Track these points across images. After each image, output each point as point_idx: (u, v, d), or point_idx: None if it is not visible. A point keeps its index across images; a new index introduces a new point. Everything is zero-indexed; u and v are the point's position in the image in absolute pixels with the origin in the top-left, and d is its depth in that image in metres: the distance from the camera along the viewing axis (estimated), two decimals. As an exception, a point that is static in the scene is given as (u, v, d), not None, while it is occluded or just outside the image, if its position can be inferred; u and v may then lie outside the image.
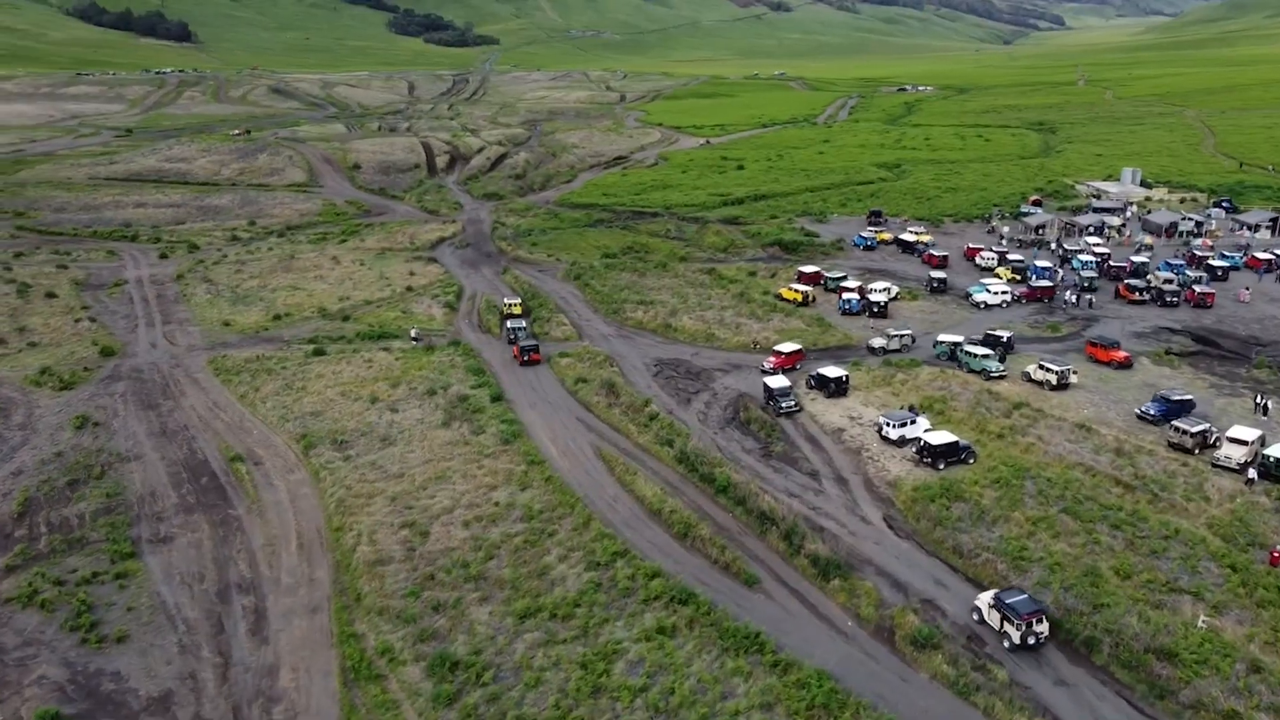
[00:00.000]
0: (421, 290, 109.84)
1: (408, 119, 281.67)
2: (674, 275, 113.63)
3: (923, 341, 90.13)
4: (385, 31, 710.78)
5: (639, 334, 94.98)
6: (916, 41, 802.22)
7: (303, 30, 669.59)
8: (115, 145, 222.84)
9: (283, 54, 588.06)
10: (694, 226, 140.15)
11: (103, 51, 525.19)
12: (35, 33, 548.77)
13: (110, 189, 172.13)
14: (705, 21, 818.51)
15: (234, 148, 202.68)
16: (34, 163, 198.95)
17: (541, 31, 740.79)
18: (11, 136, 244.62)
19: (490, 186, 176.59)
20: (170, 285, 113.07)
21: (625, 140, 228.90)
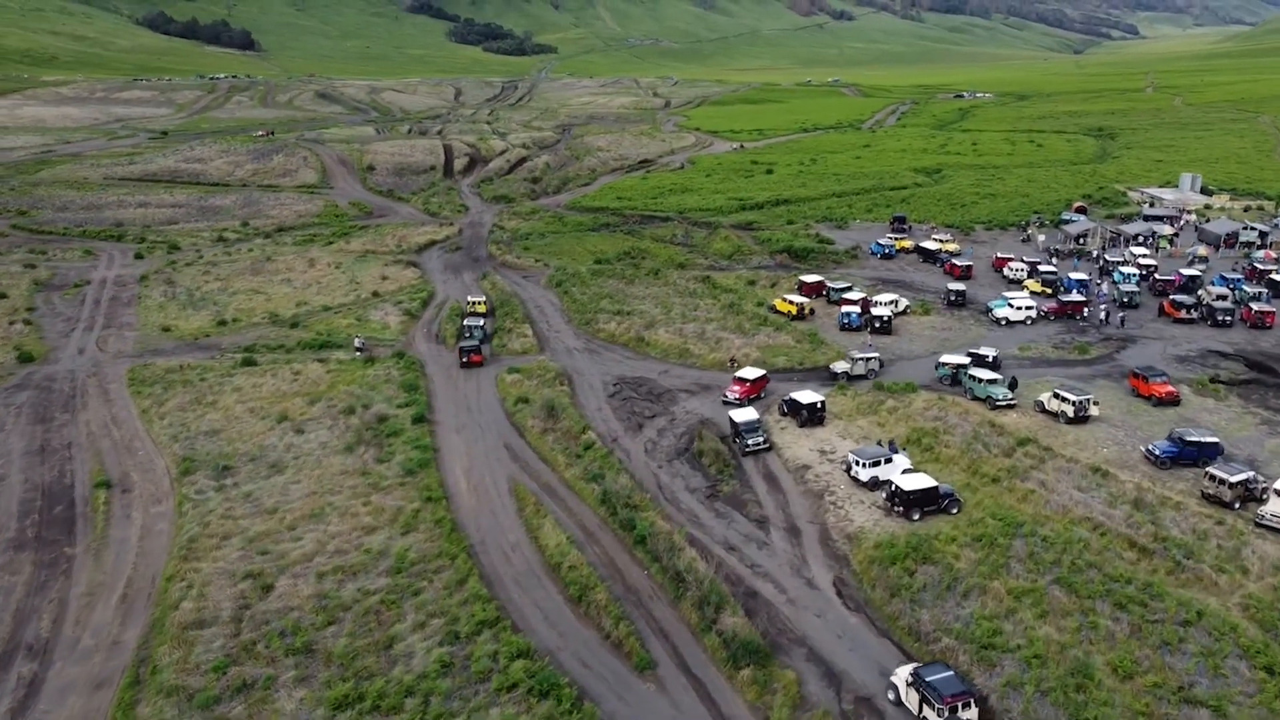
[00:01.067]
0: (388, 296, 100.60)
1: (444, 123, 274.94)
2: (665, 283, 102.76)
3: (928, 363, 78.10)
4: (445, 40, 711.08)
5: (609, 348, 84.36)
6: (982, 50, 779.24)
7: (364, 39, 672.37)
8: (144, 147, 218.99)
9: (342, 62, 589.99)
10: (704, 232, 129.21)
11: (166, 59, 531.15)
12: (104, 40, 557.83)
13: (119, 189, 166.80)
14: (766, 30, 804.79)
15: (251, 149, 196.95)
16: (57, 163, 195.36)
17: (600, 40, 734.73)
18: (49, 138, 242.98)
19: (502, 189, 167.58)
20: (131, 287, 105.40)
21: (656, 144, 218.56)
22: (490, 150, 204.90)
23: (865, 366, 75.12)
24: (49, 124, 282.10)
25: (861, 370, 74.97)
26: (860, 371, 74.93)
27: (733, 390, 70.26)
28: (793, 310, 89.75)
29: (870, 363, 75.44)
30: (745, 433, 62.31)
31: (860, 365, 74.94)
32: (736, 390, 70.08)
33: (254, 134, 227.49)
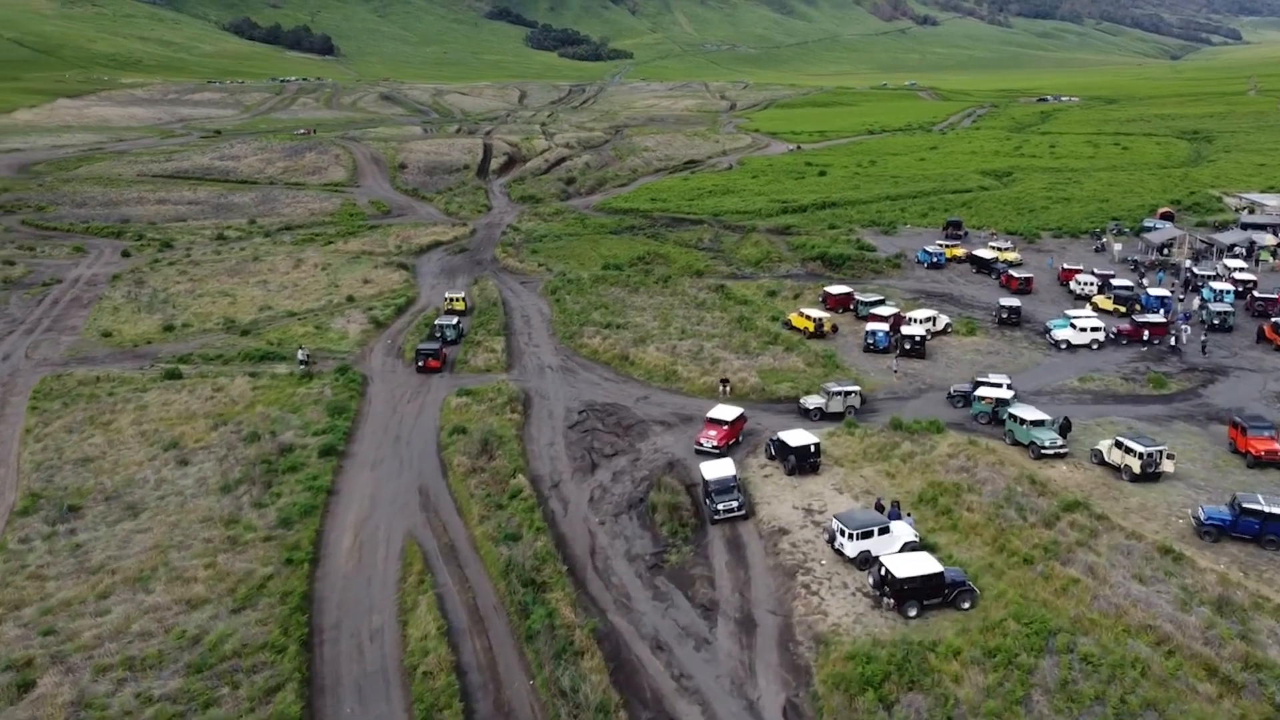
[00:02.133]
0: (363, 301, 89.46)
1: (497, 123, 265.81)
2: (673, 292, 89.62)
3: (960, 394, 63.61)
4: (522, 46, 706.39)
5: (588, 366, 71.63)
6: (1073, 56, 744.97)
7: (442, 45, 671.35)
8: (189, 145, 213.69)
9: (419, 66, 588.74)
10: (735, 236, 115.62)
11: (247, 64, 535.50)
12: (189, 46, 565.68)
13: (144, 186, 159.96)
14: (846, 36, 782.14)
15: (285, 146, 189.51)
16: (98, 159, 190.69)
17: (676, 46, 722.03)
18: (104, 136, 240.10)
19: (533, 189, 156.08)
20: (100, 287, 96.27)
21: (708, 145, 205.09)
22: (531, 150, 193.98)
23: (843, 402, 60.55)
24: (113, 123, 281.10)
25: (838, 407, 60.46)
26: (837, 409, 60.47)
27: (707, 436, 55.87)
28: (809, 327, 75.81)
29: (849, 398, 60.75)
30: (716, 494, 48.30)
31: (837, 401, 60.41)
32: (712, 436, 55.77)
33: (295, 132, 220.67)
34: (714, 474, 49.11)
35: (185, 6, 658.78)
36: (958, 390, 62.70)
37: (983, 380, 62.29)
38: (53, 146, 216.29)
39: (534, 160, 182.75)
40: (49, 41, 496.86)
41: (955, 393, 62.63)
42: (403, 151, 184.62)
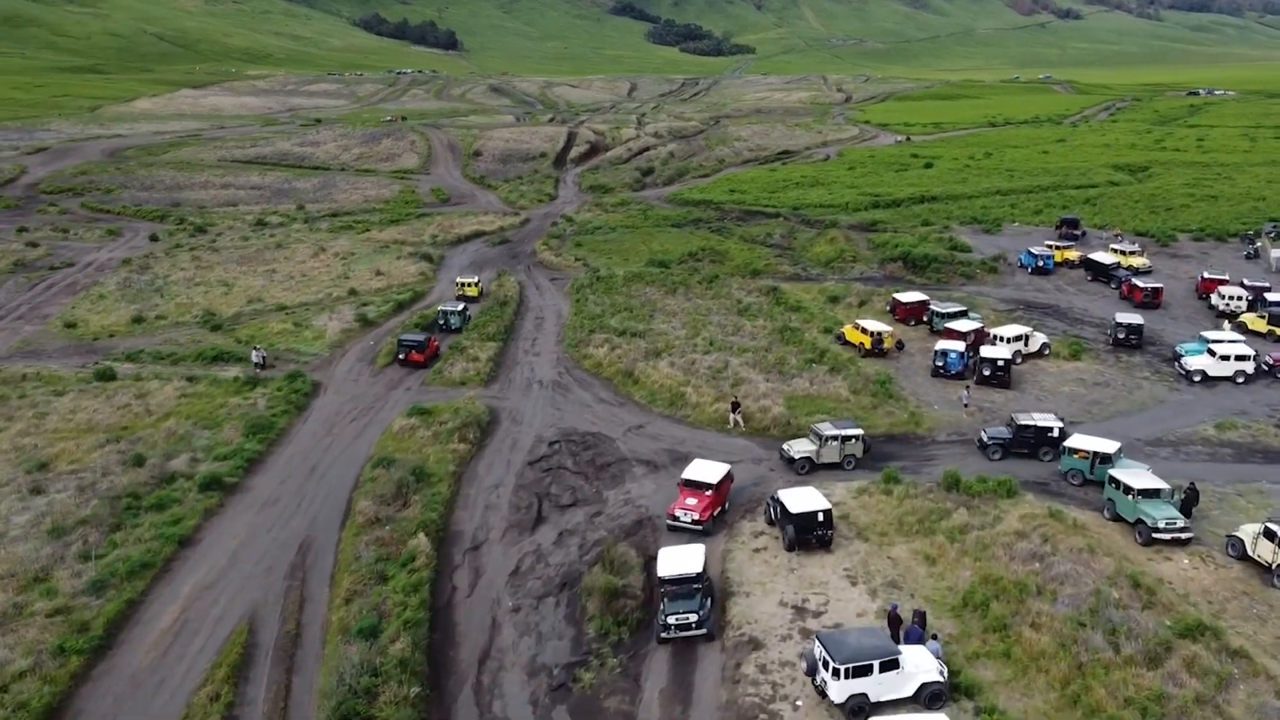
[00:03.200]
0: (366, 294, 78.35)
1: (595, 114, 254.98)
2: (716, 294, 75.37)
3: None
4: (644, 41, 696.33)
5: (586, 382, 58.27)
6: (1229, 50, 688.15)
7: (564, 40, 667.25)
8: (279, 132, 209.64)
9: (539, 61, 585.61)
10: (811, 232, 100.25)
11: (372, 57, 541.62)
12: (319, 40, 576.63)
13: (218, 170, 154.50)
14: (980, 30, 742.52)
15: (363, 133, 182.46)
16: (188, 145, 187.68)
17: (801, 40, 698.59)
18: (206, 124, 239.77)
19: (605, 178, 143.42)
20: (106, 272, 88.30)
21: (808, 136, 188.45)
22: (617, 138, 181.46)
23: (840, 450, 45.42)
24: (225, 111, 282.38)
25: (833, 456, 45.44)
26: (831, 458, 45.46)
27: (685, 507, 39.78)
28: (864, 342, 60.48)
29: (848, 444, 45.59)
30: (670, 599, 33.51)
31: (832, 448, 45.28)
32: (692, 507, 39.71)
33: (382, 119, 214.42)
34: (672, 567, 34.24)
35: (319, 3, 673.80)
36: (993, 437, 46.99)
37: (1025, 421, 46.55)
38: (154, 133, 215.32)
39: (616, 149, 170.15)
40: (188, 36, 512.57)
41: (990, 440, 46.92)
42: (481, 139, 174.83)
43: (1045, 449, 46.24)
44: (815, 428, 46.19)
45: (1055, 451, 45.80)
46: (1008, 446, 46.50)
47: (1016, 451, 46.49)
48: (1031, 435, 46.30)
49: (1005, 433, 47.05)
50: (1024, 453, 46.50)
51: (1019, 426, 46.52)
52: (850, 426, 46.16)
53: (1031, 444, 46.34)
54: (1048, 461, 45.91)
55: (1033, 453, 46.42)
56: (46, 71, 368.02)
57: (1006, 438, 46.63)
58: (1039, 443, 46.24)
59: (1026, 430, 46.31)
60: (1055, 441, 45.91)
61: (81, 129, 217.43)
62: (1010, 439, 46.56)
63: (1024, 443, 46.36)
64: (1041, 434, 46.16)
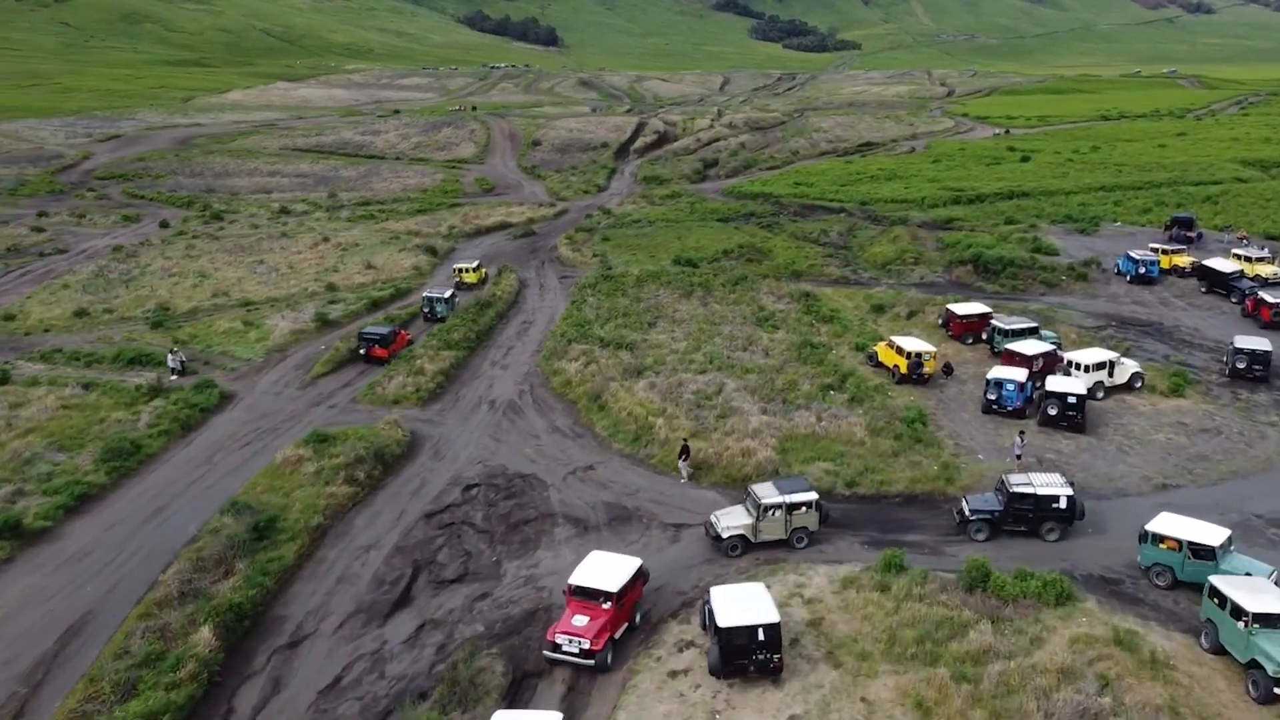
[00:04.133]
0: (345, 289, 68.89)
1: (676, 106, 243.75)
2: (739, 299, 63.16)
3: (1137, 513, 34.37)
4: (746, 38, 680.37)
5: (547, 405, 47.08)
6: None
7: (665, 37, 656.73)
8: (344, 123, 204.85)
9: (639, 58, 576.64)
10: (876, 229, 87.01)
11: (472, 53, 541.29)
12: (421, 36, 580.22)
13: (271, 158, 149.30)
14: (1102, 25, 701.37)
15: (424, 122, 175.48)
16: (255, 134, 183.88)
17: (909, 36, 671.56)
18: (285, 114, 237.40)
19: (664, 169, 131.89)
20: (92, 260, 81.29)
21: (896, 128, 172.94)
22: (688, 129, 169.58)
23: (786, 525, 32.95)
24: (312, 103, 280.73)
25: (776, 532, 32.95)
26: (774, 534, 32.98)
27: (569, 629, 27.13)
28: (900, 364, 47.58)
29: (798, 516, 33.04)
30: None
31: (774, 521, 32.81)
32: (581, 630, 27.03)
33: (450, 108, 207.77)
34: None
35: (425, 0, 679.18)
36: (976, 510, 34.02)
37: (1021, 488, 33.52)
38: (234, 122, 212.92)
39: (684, 140, 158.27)
40: (294, 32, 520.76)
41: (973, 513, 34.01)
42: (544, 129, 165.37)
43: (1051, 526, 33.34)
44: (753, 491, 33.81)
45: (1063, 529, 33.20)
46: (997, 522, 33.68)
47: (1011, 529, 33.63)
48: (1029, 508, 33.40)
49: (995, 502, 34.10)
50: (1021, 530, 33.66)
51: (1012, 494, 33.53)
52: (799, 489, 33.58)
53: (1030, 519, 33.48)
54: (1053, 542, 32.96)
55: (1033, 530, 33.55)
56: (152, 65, 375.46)
57: (995, 510, 33.75)
58: (1041, 517, 33.37)
59: (1022, 501, 33.33)
60: (1065, 516, 33.03)
61: (164, 118, 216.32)
62: (1001, 512, 33.65)
63: (1021, 517, 33.45)
64: (1044, 505, 33.23)
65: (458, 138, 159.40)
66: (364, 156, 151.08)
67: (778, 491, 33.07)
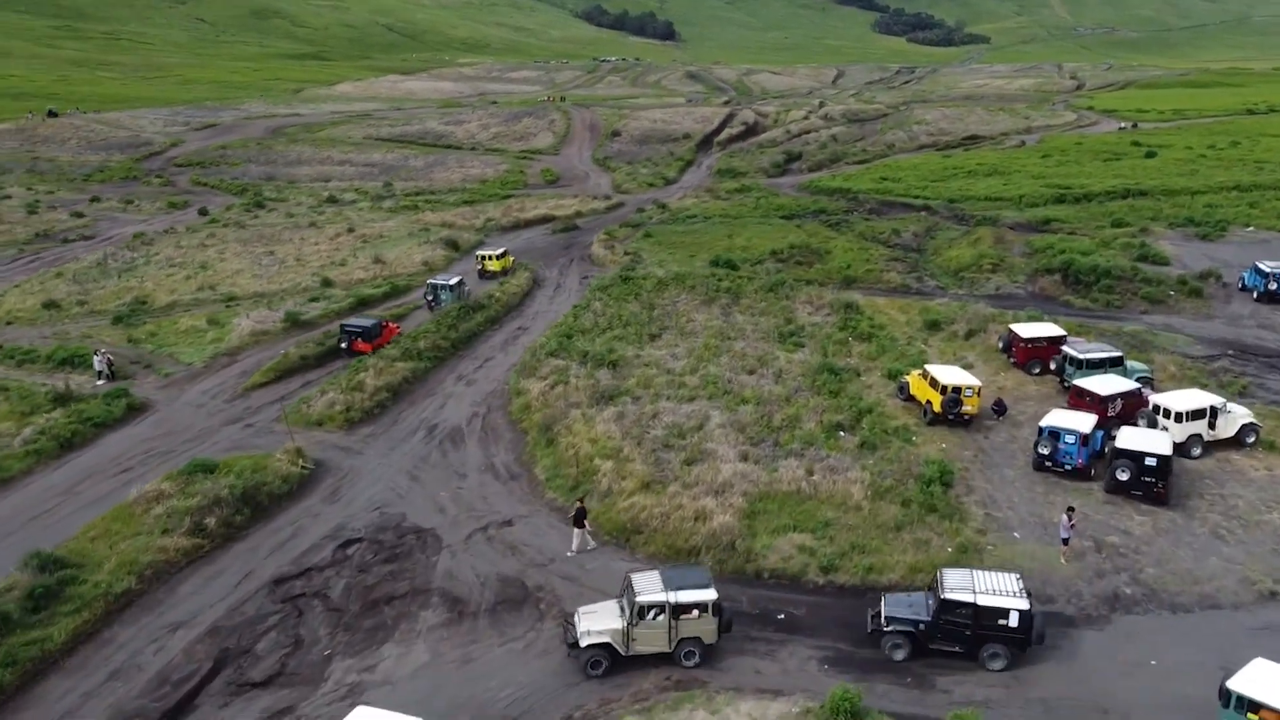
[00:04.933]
0: (340, 286, 62.20)
1: (780, 98, 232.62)
2: (766, 309, 53.51)
3: (1227, 631, 23.83)
4: (869, 32, 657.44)
5: (497, 433, 38.84)
6: None
7: (785, 31, 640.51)
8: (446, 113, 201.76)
9: (757, 51, 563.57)
10: (957, 230, 75.81)
11: (588, 47, 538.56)
12: (539, 31, 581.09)
13: (348, 147, 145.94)
14: (1256, 17, 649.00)
15: (507, 113, 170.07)
16: (344, 124, 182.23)
17: (1043, 29, 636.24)
18: (385, 105, 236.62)
19: (742, 162, 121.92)
20: (102, 247, 77.35)
21: (1009, 120, 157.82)
22: (781, 120, 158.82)
23: (671, 632, 23.58)
24: (416, 95, 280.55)
25: (658, 642, 23.61)
26: (655, 646, 23.62)
27: None
28: (933, 401, 37.29)
29: (689, 622, 23.61)
30: None
31: (655, 627, 23.51)
32: None
33: (540, 98, 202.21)
34: None
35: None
36: (894, 617, 24.26)
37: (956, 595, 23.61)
38: (331, 112, 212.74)
39: (774, 131, 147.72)
40: (415, 28, 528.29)
41: (889, 622, 24.39)
42: (627, 119, 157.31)
43: (993, 650, 23.25)
44: (630, 582, 24.57)
45: (1011, 655, 23.10)
46: (920, 638, 23.70)
47: (941, 648, 23.56)
48: (966, 621, 23.42)
49: (922, 609, 24.06)
50: (956, 651, 23.58)
51: (943, 603, 23.45)
52: (694, 583, 24.12)
53: (966, 638, 23.51)
54: (997, 673, 22.76)
55: (969, 653, 23.46)
56: (273, 58, 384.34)
57: (920, 620, 23.70)
58: (981, 636, 23.38)
59: (955, 611, 23.26)
60: (1016, 638, 22.82)
61: (267, 108, 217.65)
62: (929, 625, 23.59)
63: (953, 633, 23.44)
64: (986, 620, 23.17)
65: (537, 128, 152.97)
66: (440, 146, 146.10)
67: (662, 585, 23.85)
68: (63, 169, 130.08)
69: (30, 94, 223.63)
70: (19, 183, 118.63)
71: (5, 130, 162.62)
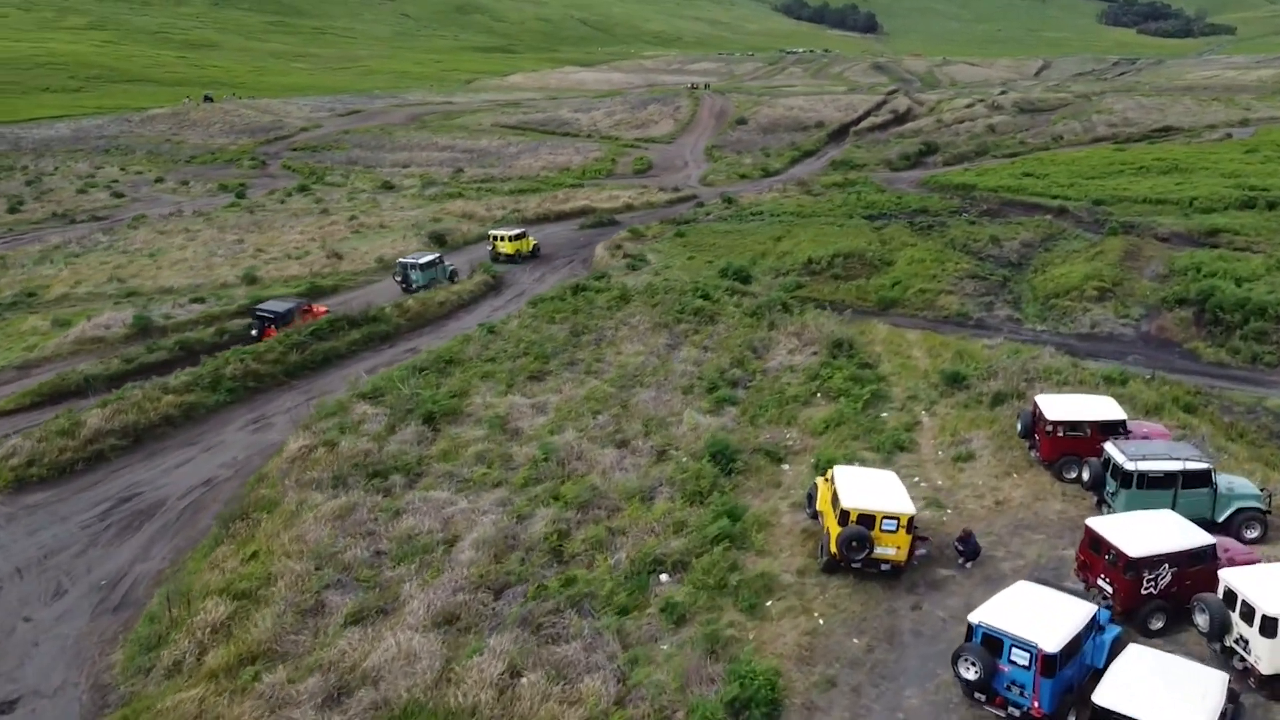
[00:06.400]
0: (263, 282, 51.55)
1: (965, 88, 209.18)
2: (726, 341, 37.90)
3: None
4: (1094, 23, 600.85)
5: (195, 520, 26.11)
6: None
7: (997, 23, 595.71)
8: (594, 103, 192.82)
9: (964, 44, 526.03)
10: (1086, 240, 56.84)
11: (783, 40, 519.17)
12: (735, 25, 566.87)
13: (461, 133, 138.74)
14: None
15: (634, 100, 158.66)
16: (480, 112, 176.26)
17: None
18: (539, 95, 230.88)
19: (866, 153, 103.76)
20: (85, 231, 70.78)
21: (1224, 112, 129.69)
22: (937, 109, 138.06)
23: None
24: (586, 85, 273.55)
25: None
26: None
27: None
28: (831, 532, 21.15)
29: None
30: None
31: None
32: None
33: (686, 86, 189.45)
34: None
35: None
36: None
37: None
38: (485, 101, 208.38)
39: (923, 120, 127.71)
40: (609, 21, 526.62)
41: None
42: (759, 106, 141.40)
43: None
44: None
45: None
46: None
47: None
48: None
49: None
50: None
51: None
52: None
53: None
54: None
55: None
56: (462, 51, 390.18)
57: None
58: None
59: None
60: None
61: (423, 97, 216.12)
62: None
63: None
64: None
65: (659, 115, 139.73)
66: (555, 133, 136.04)
67: None
68: (177, 151, 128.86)
69: (225, 83, 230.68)
70: (122, 162, 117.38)
71: (162, 114, 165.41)
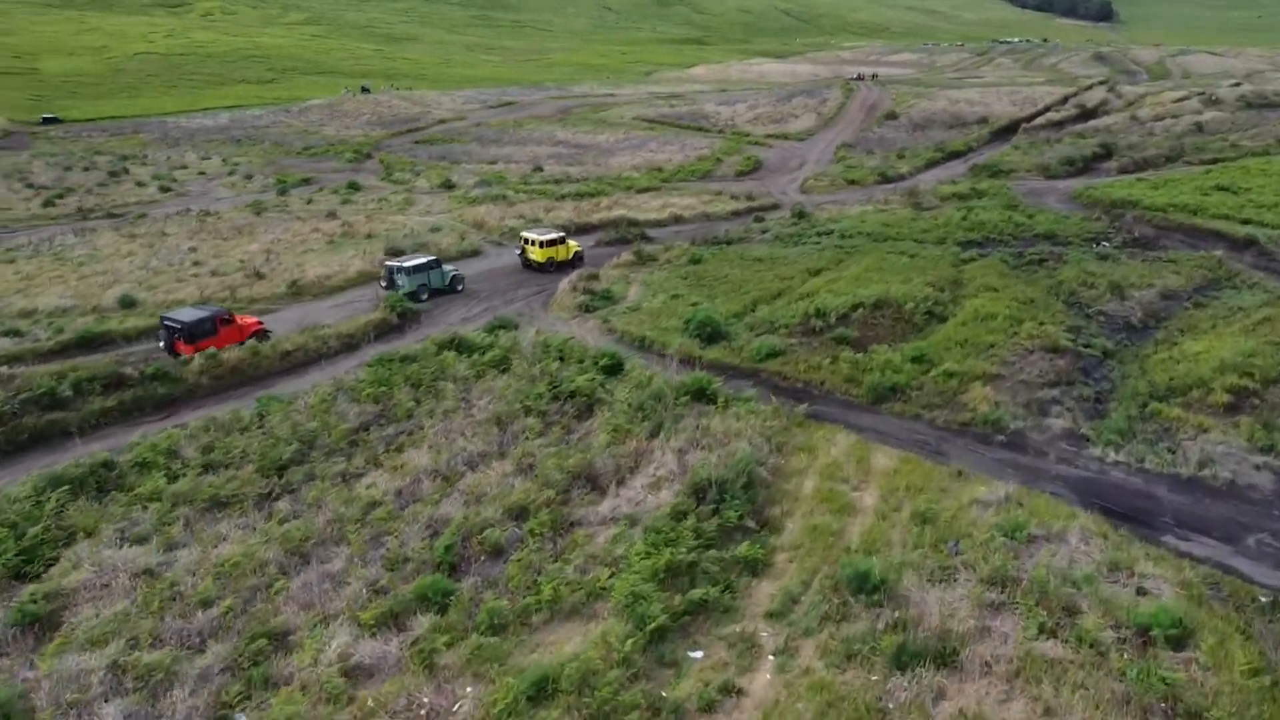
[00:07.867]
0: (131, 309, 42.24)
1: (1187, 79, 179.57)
2: (660, 459, 24.41)
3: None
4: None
5: None
6: None
7: (1257, 9, 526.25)
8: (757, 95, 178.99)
9: (1213, 33, 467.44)
10: (1258, 296, 38.53)
11: (1005, 29, 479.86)
12: (951, 14, 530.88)
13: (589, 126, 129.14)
14: None
15: (782, 93, 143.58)
16: (625, 105, 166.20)
17: None
18: (708, 87, 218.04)
19: (1022, 157, 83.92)
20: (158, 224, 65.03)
21: None
22: (1140, 102, 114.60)
23: None
24: (769, 77, 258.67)
25: None
26: None
27: None
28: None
29: None
30: None
31: None
32: None
33: (848, 78, 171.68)
34: None
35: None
36: None
37: None
38: (648, 93, 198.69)
39: (1115, 116, 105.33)
40: (813, 11, 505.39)
41: None
42: (918, 100, 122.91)
43: None
44: None
45: None
46: None
47: None
48: None
49: None
50: None
51: None
52: None
53: None
54: None
55: None
56: (658, 43, 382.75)
57: None
58: None
59: None
60: None
61: (588, 90, 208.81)
62: None
63: None
64: None
65: (802, 109, 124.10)
66: (691, 128, 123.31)
67: None
68: (300, 142, 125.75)
69: (408, 75, 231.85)
70: (234, 153, 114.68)
71: (317, 106, 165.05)
